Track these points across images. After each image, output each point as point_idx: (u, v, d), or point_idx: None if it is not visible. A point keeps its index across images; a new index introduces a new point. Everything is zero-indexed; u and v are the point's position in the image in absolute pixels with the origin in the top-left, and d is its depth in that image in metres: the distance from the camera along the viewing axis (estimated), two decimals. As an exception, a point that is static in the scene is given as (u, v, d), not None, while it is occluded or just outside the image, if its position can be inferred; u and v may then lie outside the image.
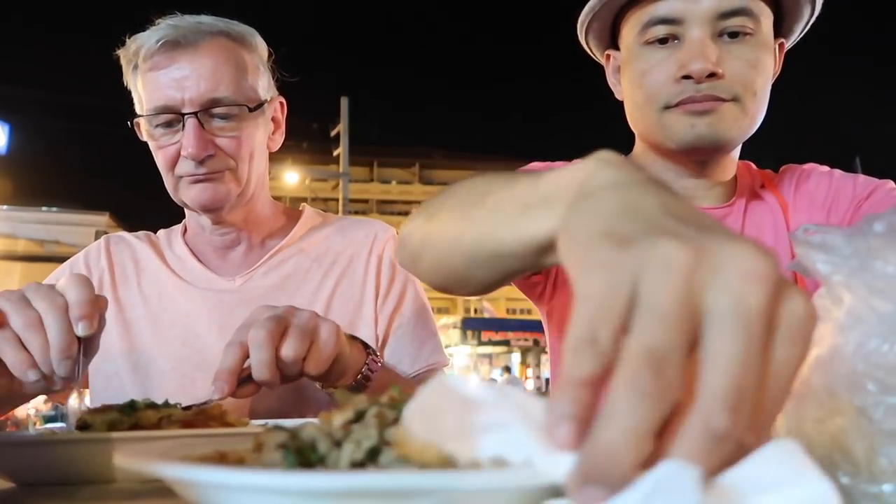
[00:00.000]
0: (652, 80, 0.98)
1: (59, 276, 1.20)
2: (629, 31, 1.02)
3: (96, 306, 0.75)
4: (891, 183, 1.06)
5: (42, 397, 0.90)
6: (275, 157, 1.23)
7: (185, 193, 1.09)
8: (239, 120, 1.08)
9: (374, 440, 0.35)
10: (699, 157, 1.02)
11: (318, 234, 1.24)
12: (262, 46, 1.15)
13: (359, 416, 0.38)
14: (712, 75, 0.94)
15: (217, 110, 1.06)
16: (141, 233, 1.30)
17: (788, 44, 1.07)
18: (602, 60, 1.13)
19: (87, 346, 0.75)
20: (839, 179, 1.07)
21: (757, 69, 0.96)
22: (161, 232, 1.29)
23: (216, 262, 1.20)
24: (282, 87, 1.20)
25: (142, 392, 1.08)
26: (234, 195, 1.09)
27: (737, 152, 1.07)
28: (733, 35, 0.95)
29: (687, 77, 0.95)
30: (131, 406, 0.68)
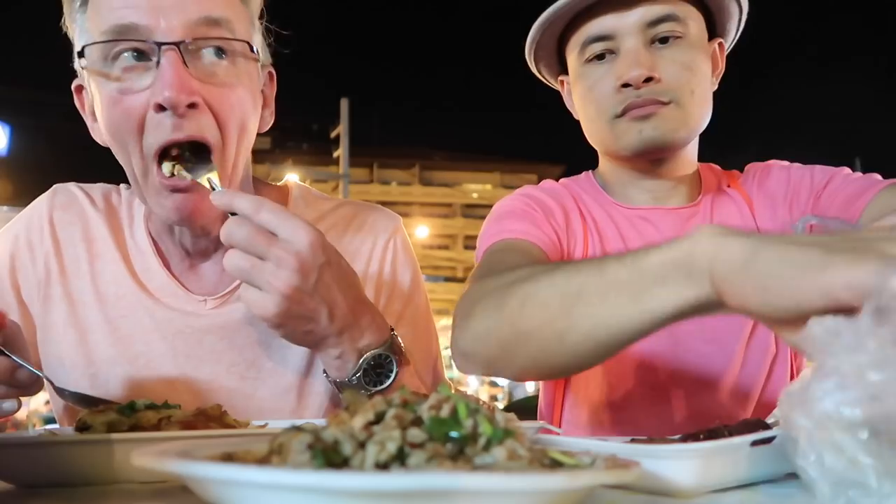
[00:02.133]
0: (598, 93, 1.05)
1: None
2: (571, 53, 1.09)
3: None
4: (846, 169, 1.09)
5: (42, 399, 0.87)
6: (275, 159, 1.18)
7: (158, 204, 0.83)
8: (232, 63, 0.83)
9: (398, 441, 0.36)
10: (652, 157, 1.07)
11: None
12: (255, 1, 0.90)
13: (378, 418, 0.39)
14: (649, 80, 1.00)
15: (203, 44, 0.79)
16: (97, 189, 1.02)
17: (728, 42, 1.13)
18: (558, 87, 1.20)
19: (7, 343, 0.71)
20: (797, 172, 1.11)
21: (691, 70, 1.01)
22: (125, 192, 1.03)
23: (185, 272, 0.97)
24: (282, 86, 1.05)
25: None
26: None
27: (692, 152, 1.13)
28: (665, 40, 1.01)
29: (627, 85, 1.00)
30: (131, 407, 0.68)
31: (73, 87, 0.91)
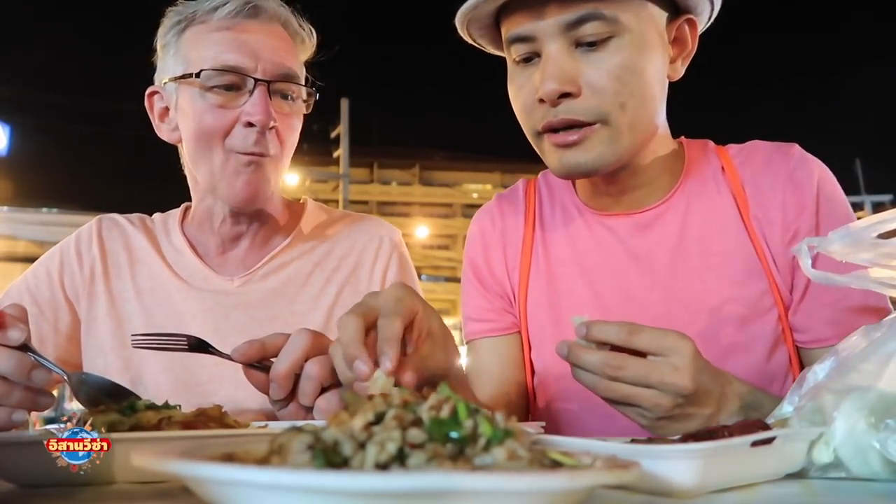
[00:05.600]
0: (521, 103, 0.94)
1: (49, 261, 1.17)
2: (505, 48, 0.96)
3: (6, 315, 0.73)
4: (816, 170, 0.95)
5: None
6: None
7: (230, 183, 1.04)
8: (295, 103, 1.09)
9: (397, 442, 0.36)
10: (588, 178, 0.98)
11: (321, 236, 1.21)
12: (309, 51, 1.16)
13: (378, 418, 0.39)
14: (566, 95, 0.87)
15: (282, 86, 1.06)
16: (135, 216, 1.25)
17: (705, 16, 0.97)
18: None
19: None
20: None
21: (621, 78, 0.87)
22: (157, 216, 1.25)
23: (216, 258, 1.16)
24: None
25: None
26: (272, 188, 1.08)
27: (659, 145, 0.97)
28: (592, 43, 0.87)
29: (542, 100, 0.88)
30: (131, 407, 0.68)
31: (146, 92, 1.13)
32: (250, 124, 1.02)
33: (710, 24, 0.99)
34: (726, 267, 0.96)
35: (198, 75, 1.03)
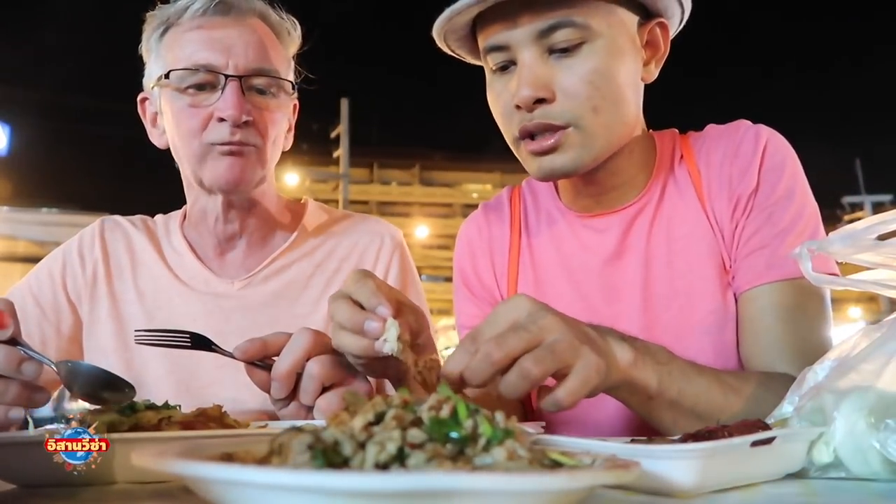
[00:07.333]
0: (500, 109, 0.96)
1: (51, 263, 1.18)
2: (482, 57, 0.99)
3: None
4: (783, 206, 0.94)
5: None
6: (274, 159, 1.20)
7: (212, 168, 1.04)
8: (275, 97, 1.08)
9: (397, 442, 0.36)
10: (567, 178, 0.99)
11: (322, 237, 1.21)
12: (295, 42, 1.16)
13: (378, 418, 0.39)
14: (542, 100, 0.90)
15: (257, 81, 1.06)
16: (137, 218, 1.26)
17: (676, 20, 1.00)
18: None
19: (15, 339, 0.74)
20: (745, 166, 0.97)
21: (593, 83, 0.90)
22: (159, 218, 1.26)
23: (215, 260, 1.16)
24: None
25: (137, 395, 1.04)
26: (258, 176, 1.07)
27: (637, 146, 1.00)
28: (564, 50, 0.90)
29: (519, 106, 0.92)
30: (131, 407, 0.68)
31: (138, 98, 1.15)
32: (223, 120, 1.02)
33: (681, 26, 1.03)
34: (689, 251, 0.99)
35: (167, 76, 1.04)
